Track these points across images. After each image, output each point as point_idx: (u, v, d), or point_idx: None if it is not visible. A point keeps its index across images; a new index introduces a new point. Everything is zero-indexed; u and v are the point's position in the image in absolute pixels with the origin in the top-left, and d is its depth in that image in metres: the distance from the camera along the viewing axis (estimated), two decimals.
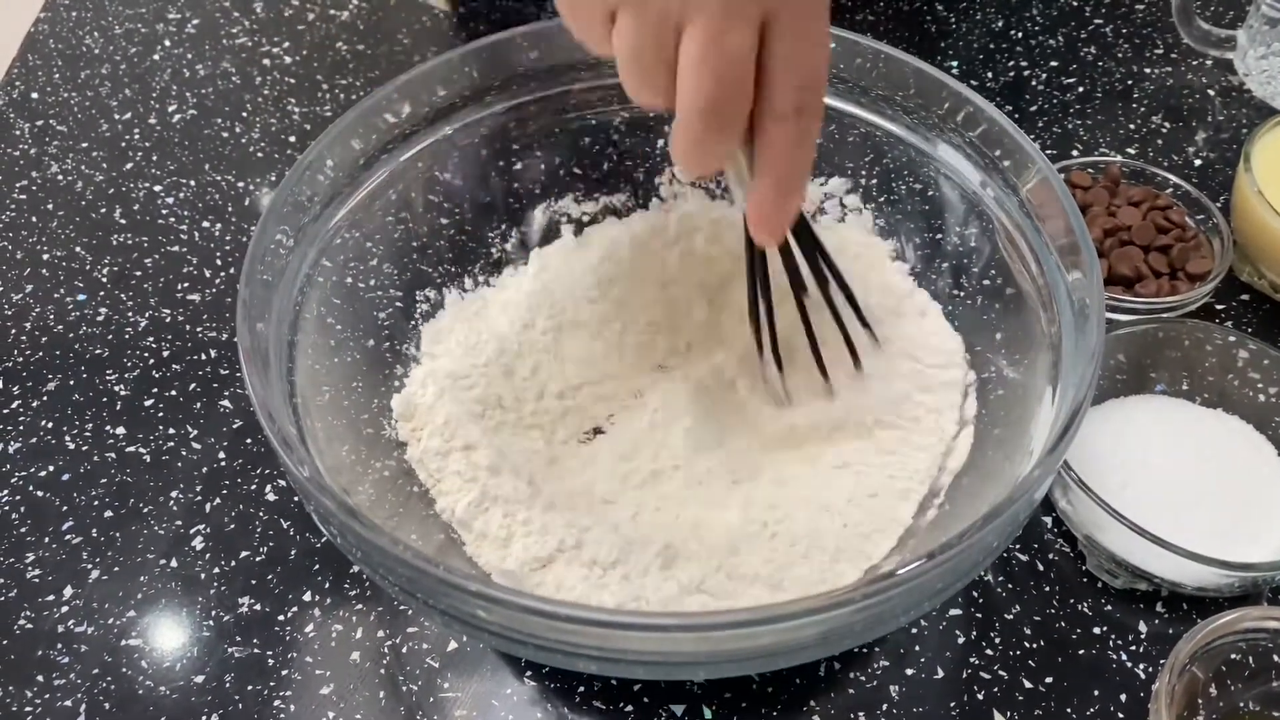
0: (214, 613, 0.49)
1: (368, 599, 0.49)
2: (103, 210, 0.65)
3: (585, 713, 0.46)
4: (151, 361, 0.58)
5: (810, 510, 0.48)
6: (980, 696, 0.46)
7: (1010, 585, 0.49)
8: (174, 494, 0.53)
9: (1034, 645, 0.48)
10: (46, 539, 0.51)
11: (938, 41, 0.75)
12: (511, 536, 0.46)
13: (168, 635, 0.48)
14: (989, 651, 0.47)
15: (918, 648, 0.48)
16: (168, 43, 0.76)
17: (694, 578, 0.45)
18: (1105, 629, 0.48)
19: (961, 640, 0.48)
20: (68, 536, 0.51)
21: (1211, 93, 0.71)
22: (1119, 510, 0.46)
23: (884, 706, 0.46)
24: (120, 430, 0.55)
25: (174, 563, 0.50)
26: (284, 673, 0.47)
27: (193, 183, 0.67)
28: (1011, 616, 0.48)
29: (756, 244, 0.46)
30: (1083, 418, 0.39)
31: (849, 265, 0.52)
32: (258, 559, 0.50)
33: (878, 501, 0.48)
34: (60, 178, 0.67)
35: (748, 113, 0.38)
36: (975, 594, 0.49)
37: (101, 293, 0.61)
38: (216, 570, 0.50)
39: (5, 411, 0.56)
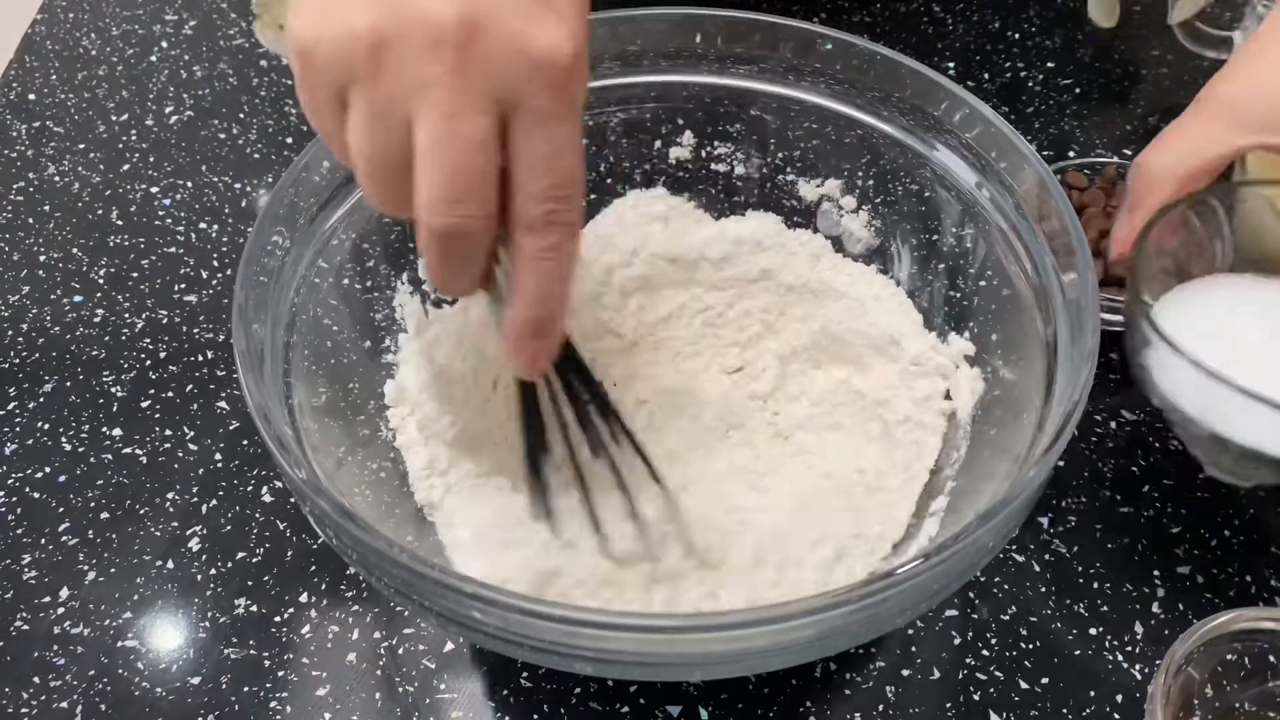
0: (210, 614, 0.49)
1: (364, 600, 0.49)
2: (99, 212, 0.65)
3: (581, 714, 0.46)
4: (148, 363, 0.58)
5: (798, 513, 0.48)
6: (976, 697, 0.46)
7: (1006, 586, 0.49)
8: (170, 495, 0.53)
9: (1030, 646, 0.48)
10: (43, 540, 0.51)
11: (934, 42, 0.75)
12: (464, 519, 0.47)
13: (164, 637, 0.48)
14: (985, 653, 0.47)
15: (914, 649, 0.48)
16: (165, 44, 0.76)
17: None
18: (1101, 630, 0.48)
19: (958, 641, 0.48)
20: (64, 538, 0.51)
21: None
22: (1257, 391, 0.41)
23: (880, 708, 0.46)
24: (117, 432, 0.55)
25: (170, 564, 0.50)
26: (280, 674, 0.47)
27: (190, 184, 0.67)
28: (1008, 618, 0.48)
29: (519, 376, 0.42)
30: (1078, 419, 0.40)
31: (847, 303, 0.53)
32: (254, 560, 0.50)
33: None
34: (57, 179, 0.67)
35: (491, 216, 0.35)
36: (971, 595, 0.49)
37: (98, 294, 0.61)
38: (213, 572, 0.50)
39: (2, 413, 0.56)
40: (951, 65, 0.73)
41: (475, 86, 0.32)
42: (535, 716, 0.46)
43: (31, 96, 0.72)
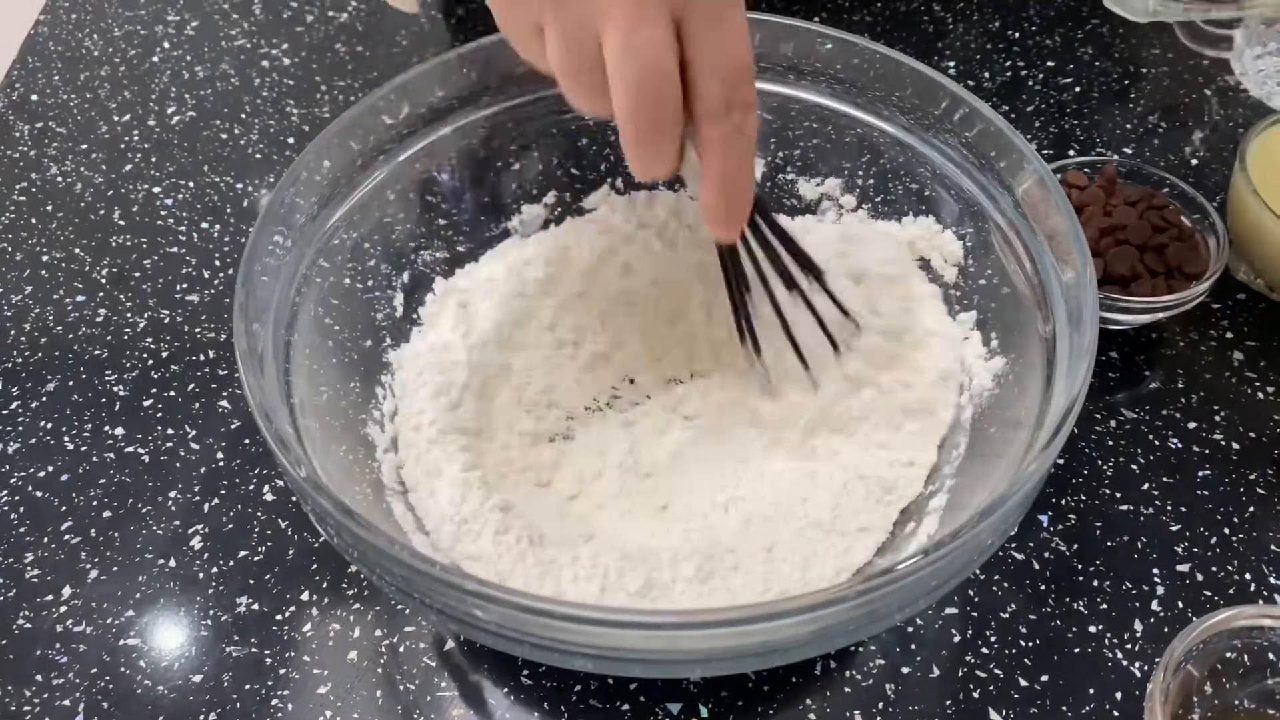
0: (212, 612, 0.49)
1: (365, 598, 0.49)
2: (102, 212, 0.66)
3: (582, 712, 0.46)
4: (150, 362, 0.58)
5: (793, 511, 0.48)
6: (976, 695, 0.46)
7: (1006, 584, 0.50)
8: (172, 494, 0.53)
9: (1030, 644, 0.48)
10: (45, 539, 0.51)
11: (934, 42, 0.75)
12: (465, 519, 0.47)
13: (166, 635, 0.48)
14: (985, 650, 0.48)
15: (914, 646, 0.48)
16: (167, 44, 0.76)
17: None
18: (1101, 627, 0.48)
19: (957, 639, 0.48)
20: (66, 536, 0.51)
21: (1208, 92, 0.72)
22: None
23: (880, 705, 0.46)
24: (119, 430, 0.55)
25: (172, 562, 0.51)
26: (281, 672, 0.47)
27: (191, 184, 0.67)
28: (1007, 615, 0.49)
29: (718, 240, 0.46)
30: (1076, 415, 0.40)
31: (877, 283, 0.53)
32: (256, 559, 0.51)
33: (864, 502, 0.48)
34: (59, 179, 0.67)
35: (679, 110, 0.39)
36: (971, 593, 0.49)
37: (100, 294, 0.61)
38: (215, 570, 0.50)
39: (4, 412, 0.56)
40: (951, 64, 0.73)
41: (648, 0, 0.37)
42: (536, 714, 0.46)
43: (34, 97, 0.73)
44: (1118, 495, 0.52)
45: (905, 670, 0.47)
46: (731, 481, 0.50)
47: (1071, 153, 0.67)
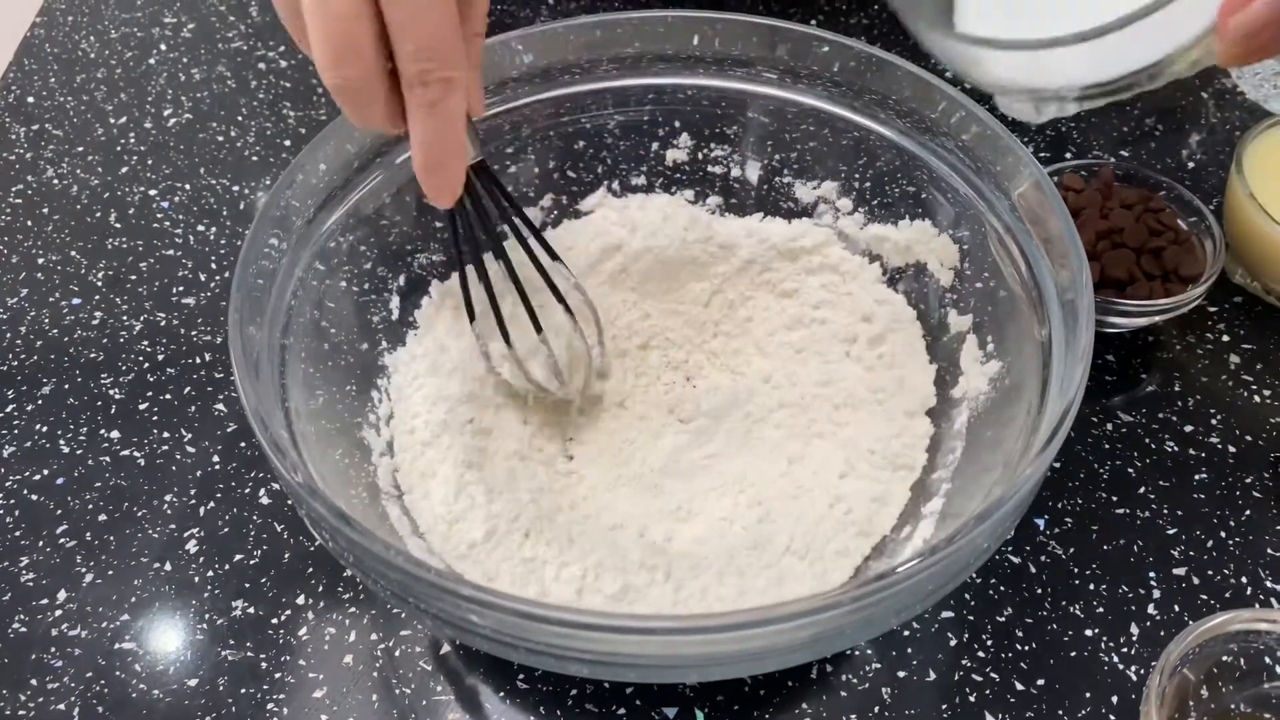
0: (207, 616, 0.49)
1: (361, 602, 0.49)
2: (98, 214, 0.66)
3: (578, 716, 0.46)
4: (146, 365, 0.58)
5: (790, 510, 0.48)
6: (972, 699, 0.46)
7: (1002, 588, 0.50)
8: (168, 498, 0.53)
9: (1026, 647, 0.48)
10: (40, 542, 0.51)
11: None
12: (457, 519, 0.47)
13: (161, 639, 0.48)
14: (981, 654, 0.48)
15: (910, 650, 0.48)
16: (163, 47, 0.76)
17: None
18: (1097, 631, 0.48)
19: (953, 643, 0.48)
20: (62, 540, 0.51)
21: (1205, 95, 0.72)
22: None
23: (876, 709, 0.46)
24: (114, 434, 0.55)
25: (168, 566, 0.51)
26: (277, 676, 0.47)
27: (188, 186, 0.67)
28: (1003, 619, 0.49)
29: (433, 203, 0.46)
30: (1073, 419, 0.40)
31: (835, 283, 0.54)
32: (251, 562, 0.51)
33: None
34: (56, 182, 0.67)
35: (373, 72, 0.38)
36: (967, 596, 0.49)
37: (96, 296, 0.61)
38: (210, 574, 0.50)
39: (0, 415, 0.56)
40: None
41: None
42: (532, 718, 0.46)
43: (30, 99, 0.72)
44: (1114, 499, 0.52)
45: (901, 674, 0.47)
46: (725, 486, 0.50)
47: (1068, 156, 0.67)
